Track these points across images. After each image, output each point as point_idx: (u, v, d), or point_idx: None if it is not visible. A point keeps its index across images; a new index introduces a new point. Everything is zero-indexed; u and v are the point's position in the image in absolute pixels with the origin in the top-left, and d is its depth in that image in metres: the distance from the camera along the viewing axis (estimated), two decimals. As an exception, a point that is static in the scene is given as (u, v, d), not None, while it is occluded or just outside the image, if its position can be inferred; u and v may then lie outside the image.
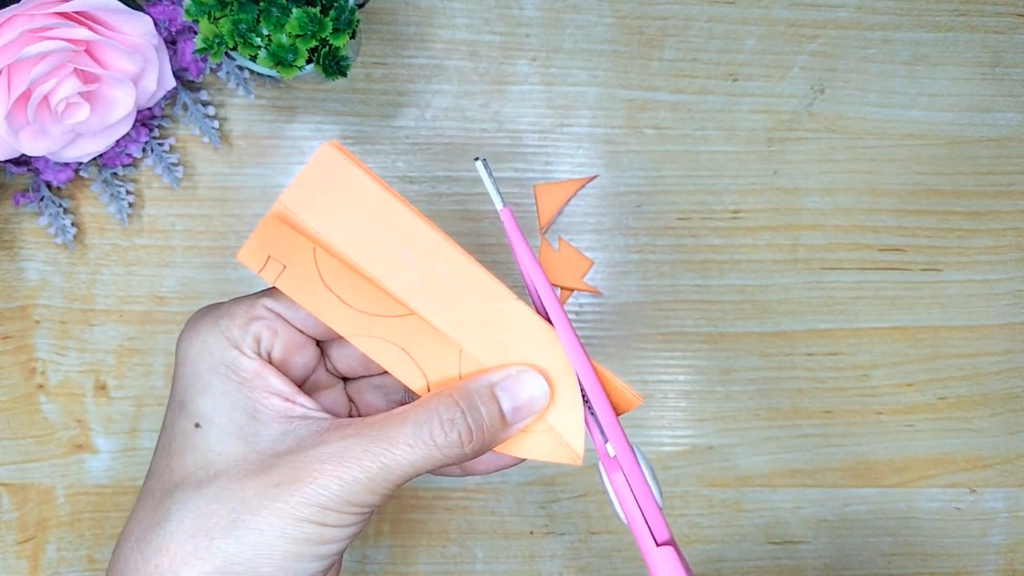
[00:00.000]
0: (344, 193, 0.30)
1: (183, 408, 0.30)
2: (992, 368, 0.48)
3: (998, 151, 0.48)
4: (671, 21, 0.47)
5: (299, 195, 0.30)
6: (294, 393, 0.31)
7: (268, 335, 0.31)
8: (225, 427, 0.30)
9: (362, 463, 0.28)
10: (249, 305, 0.31)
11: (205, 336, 0.31)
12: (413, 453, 0.29)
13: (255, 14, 0.38)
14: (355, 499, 0.29)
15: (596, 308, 0.47)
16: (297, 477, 0.28)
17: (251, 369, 0.30)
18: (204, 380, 0.30)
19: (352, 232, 0.31)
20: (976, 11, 0.47)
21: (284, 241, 0.30)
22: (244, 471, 0.29)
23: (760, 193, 0.47)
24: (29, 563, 0.47)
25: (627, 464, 0.30)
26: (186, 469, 0.30)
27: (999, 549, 0.49)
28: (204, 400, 0.30)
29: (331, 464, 0.28)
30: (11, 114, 0.39)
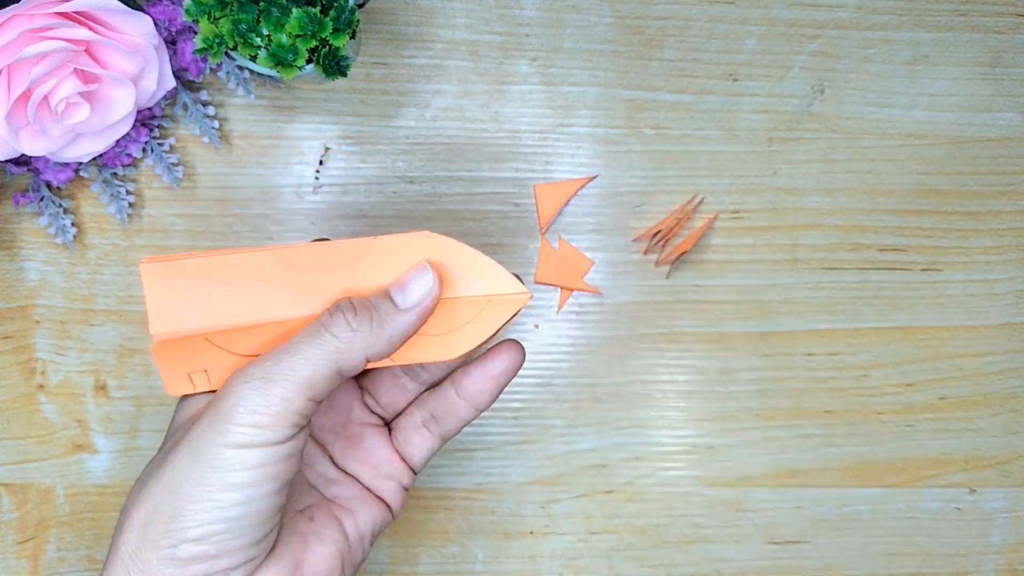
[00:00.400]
0: (186, 285, 0.32)
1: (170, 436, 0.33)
2: (992, 368, 0.48)
3: (998, 151, 0.48)
4: (671, 21, 0.47)
5: (158, 317, 0.32)
6: None
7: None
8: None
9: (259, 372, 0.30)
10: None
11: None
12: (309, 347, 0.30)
13: (255, 14, 0.38)
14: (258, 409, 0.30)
15: (596, 308, 0.47)
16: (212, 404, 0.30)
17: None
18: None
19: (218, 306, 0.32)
20: (976, 11, 0.47)
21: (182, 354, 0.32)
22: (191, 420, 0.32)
23: (760, 193, 0.47)
24: (29, 563, 0.47)
25: None
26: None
27: (999, 549, 0.49)
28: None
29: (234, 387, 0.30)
30: (11, 114, 0.39)
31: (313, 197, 0.47)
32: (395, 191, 0.47)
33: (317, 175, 0.47)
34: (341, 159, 0.47)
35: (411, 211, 0.47)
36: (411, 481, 0.37)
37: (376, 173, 0.47)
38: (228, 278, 0.32)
